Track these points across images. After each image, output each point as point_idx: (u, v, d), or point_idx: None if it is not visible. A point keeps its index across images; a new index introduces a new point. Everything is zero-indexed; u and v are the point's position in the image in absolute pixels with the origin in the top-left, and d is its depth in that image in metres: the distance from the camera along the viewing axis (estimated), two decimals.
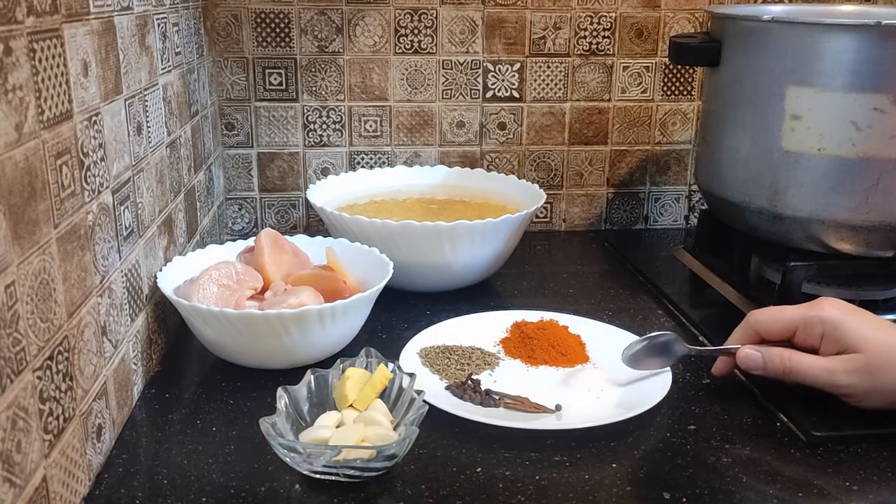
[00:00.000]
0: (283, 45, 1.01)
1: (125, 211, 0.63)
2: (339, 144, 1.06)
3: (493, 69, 1.05)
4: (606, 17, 1.05)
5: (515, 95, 1.07)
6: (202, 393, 0.68)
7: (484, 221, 0.80)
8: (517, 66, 1.05)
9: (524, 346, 0.74)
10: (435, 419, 0.60)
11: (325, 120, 1.05)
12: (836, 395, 0.62)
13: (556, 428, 0.62)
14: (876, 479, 0.57)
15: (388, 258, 0.77)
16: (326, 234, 0.88)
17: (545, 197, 0.90)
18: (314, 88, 1.03)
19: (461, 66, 1.05)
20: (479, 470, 0.57)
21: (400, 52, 1.03)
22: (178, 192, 0.80)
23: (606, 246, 1.07)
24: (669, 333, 0.68)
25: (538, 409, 0.64)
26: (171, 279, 0.72)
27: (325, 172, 1.06)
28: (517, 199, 0.94)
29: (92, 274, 0.55)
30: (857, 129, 0.73)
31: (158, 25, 0.74)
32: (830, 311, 0.62)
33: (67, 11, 0.51)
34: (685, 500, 0.54)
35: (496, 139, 1.08)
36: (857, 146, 0.74)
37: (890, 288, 0.81)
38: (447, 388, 0.67)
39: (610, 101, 1.09)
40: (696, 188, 1.13)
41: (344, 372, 0.62)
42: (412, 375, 0.61)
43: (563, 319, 0.78)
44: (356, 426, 0.56)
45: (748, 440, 0.61)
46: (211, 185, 0.97)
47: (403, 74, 1.04)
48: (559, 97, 1.07)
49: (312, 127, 1.05)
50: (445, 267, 0.83)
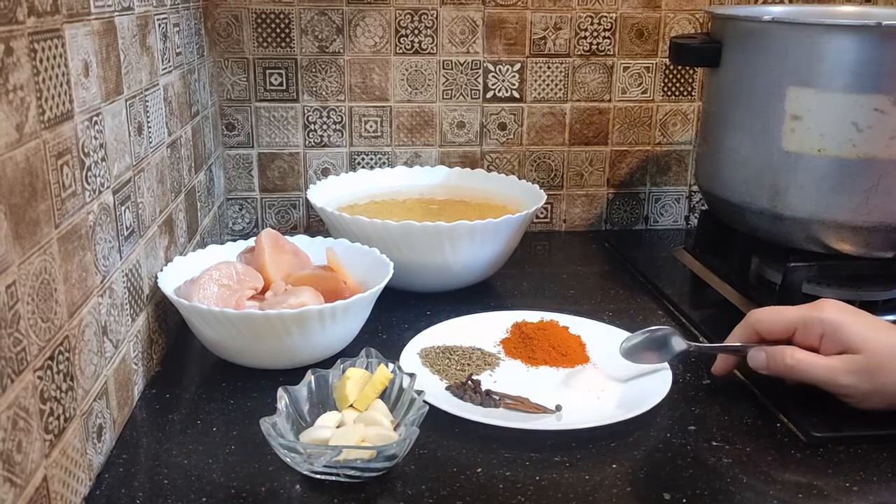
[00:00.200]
0: (283, 45, 1.01)
1: (126, 211, 0.63)
2: (339, 145, 1.06)
3: (493, 69, 1.05)
4: (607, 17, 1.05)
5: (516, 96, 1.07)
6: (203, 393, 0.68)
7: (484, 222, 0.80)
8: (517, 66, 1.06)
9: (524, 346, 0.74)
10: (435, 419, 0.60)
11: (325, 120, 1.05)
12: (835, 395, 0.62)
13: (556, 428, 0.62)
14: (876, 479, 0.57)
15: (388, 258, 0.77)
16: (327, 234, 0.88)
17: (545, 197, 0.90)
18: (315, 89, 1.03)
19: (461, 66, 1.05)
20: (479, 470, 0.57)
21: (400, 52, 1.03)
22: (178, 192, 0.80)
23: (607, 246, 1.07)
24: (668, 328, 0.69)
25: (538, 409, 0.64)
26: (171, 279, 0.72)
27: (325, 173, 1.06)
28: (517, 199, 0.94)
29: (93, 274, 0.55)
30: (857, 129, 0.74)
31: (159, 26, 0.74)
32: (830, 312, 0.62)
33: (68, 12, 0.51)
34: (685, 500, 0.54)
35: (496, 139, 1.08)
36: (857, 147, 0.74)
37: (890, 289, 0.81)
38: (447, 388, 0.67)
39: (610, 101, 1.09)
40: (696, 189, 1.13)
41: (344, 372, 0.62)
42: (412, 376, 0.61)
43: (563, 320, 0.78)
44: (356, 426, 0.56)
45: (748, 441, 0.61)
46: (211, 185, 0.97)
47: (404, 75, 1.04)
48: (559, 97, 1.07)
49: (313, 127, 1.05)
50: (446, 267, 0.83)
